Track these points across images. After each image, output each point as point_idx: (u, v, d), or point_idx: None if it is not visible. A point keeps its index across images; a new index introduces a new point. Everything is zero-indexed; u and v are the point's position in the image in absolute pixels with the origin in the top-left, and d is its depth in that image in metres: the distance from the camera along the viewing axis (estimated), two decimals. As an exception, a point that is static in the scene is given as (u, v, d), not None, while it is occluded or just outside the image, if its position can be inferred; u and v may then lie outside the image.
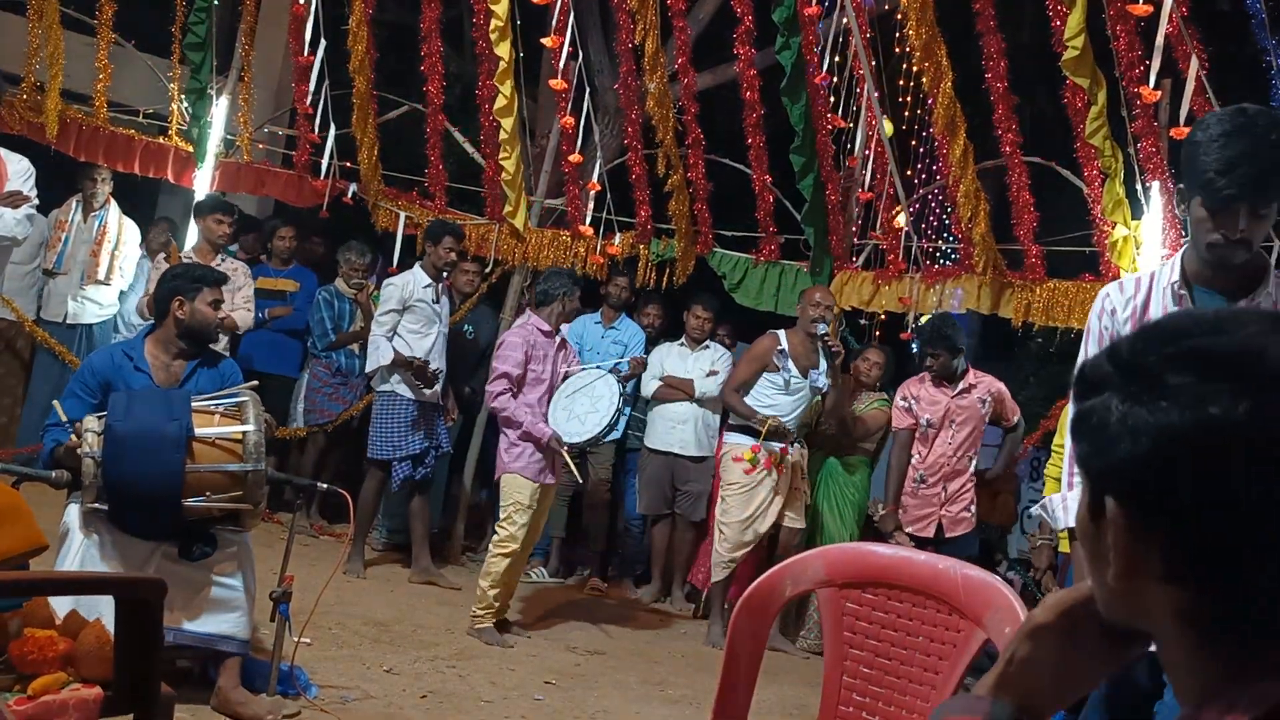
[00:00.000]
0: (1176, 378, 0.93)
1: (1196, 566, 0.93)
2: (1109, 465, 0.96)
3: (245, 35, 8.23)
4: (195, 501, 3.59)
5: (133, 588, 2.49)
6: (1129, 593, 0.98)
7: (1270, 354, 0.92)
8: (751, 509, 6.06)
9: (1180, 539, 0.93)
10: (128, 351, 3.99)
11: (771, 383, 6.08)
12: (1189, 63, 5.72)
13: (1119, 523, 0.96)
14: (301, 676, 4.12)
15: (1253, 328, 0.94)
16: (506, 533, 5.45)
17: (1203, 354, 0.93)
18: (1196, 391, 0.91)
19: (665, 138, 7.41)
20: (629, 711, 4.68)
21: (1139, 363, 0.96)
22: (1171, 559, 0.93)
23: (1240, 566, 0.91)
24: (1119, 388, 0.96)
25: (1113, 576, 0.98)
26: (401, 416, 6.41)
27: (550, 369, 5.62)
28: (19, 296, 7.23)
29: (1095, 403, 0.98)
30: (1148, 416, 0.93)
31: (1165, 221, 6.03)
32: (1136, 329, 1.01)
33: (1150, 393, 0.93)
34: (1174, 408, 0.91)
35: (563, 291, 5.70)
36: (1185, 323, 0.98)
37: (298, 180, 8.32)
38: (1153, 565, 0.95)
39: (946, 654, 2.26)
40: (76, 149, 7.59)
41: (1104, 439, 0.96)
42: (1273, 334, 0.94)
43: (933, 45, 6.54)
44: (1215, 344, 0.94)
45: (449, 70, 8.42)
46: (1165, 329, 0.98)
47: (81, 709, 2.54)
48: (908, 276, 7.15)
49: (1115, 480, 0.96)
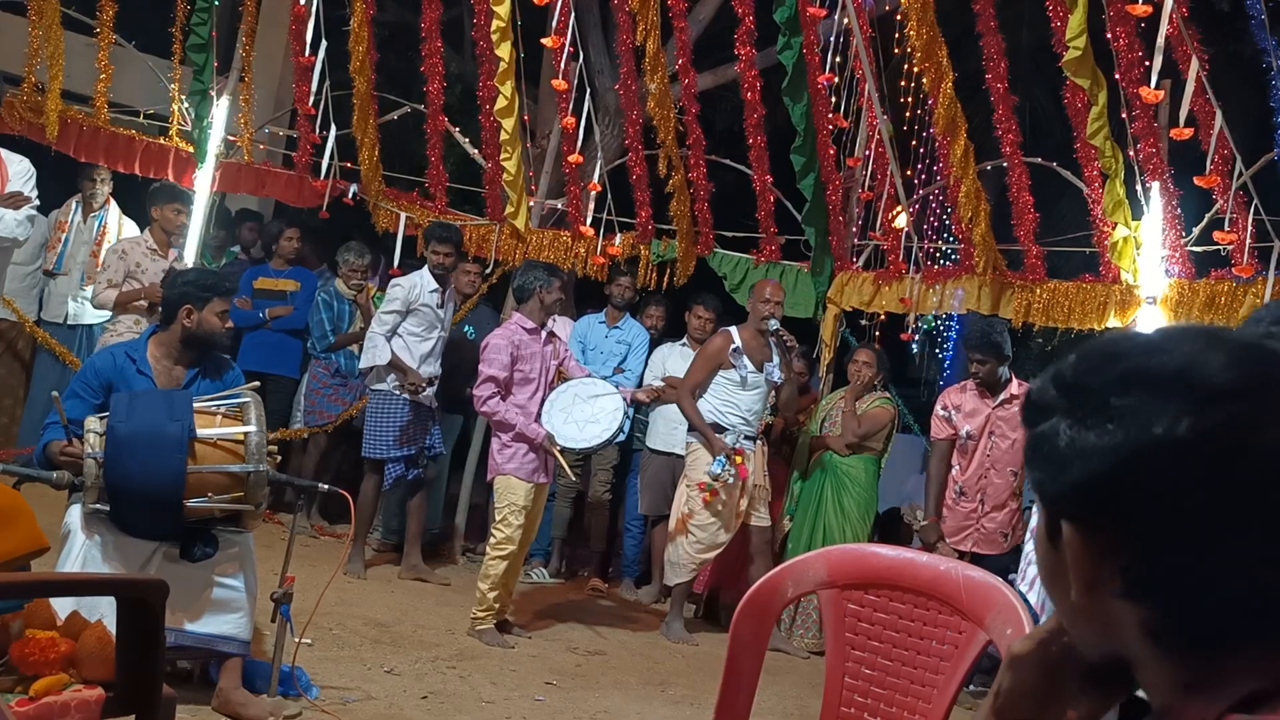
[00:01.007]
0: (1120, 399, 0.94)
1: (1153, 583, 0.94)
2: (1061, 490, 0.97)
3: (246, 36, 8.23)
4: (197, 502, 3.60)
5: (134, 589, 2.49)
6: (1091, 611, 1.00)
7: (1208, 370, 0.93)
8: (722, 512, 6.00)
9: (1135, 558, 0.94)
10: (130, 353, 3.99)
11: (728, 379, 6.03)
12: (1189, 63, 5.72)
13: (1075, 545, 0.98)
14: (302, 677, 4.12)
15: (1188, 345, 0.95)
16: (503, 534, 5.44)
17: (1144, 374, 0.94)
18: (1140, 412, 0.92)
19: (666, 138, 7.41)
20: (630, 712, 4.68)
21: (1083, 386, 0.97)
22: (1128, 577, 0.95)
23: (1194, 581, 0.92)
24: (1066, 411, 0.97)
25: (1074, 595, 0.99)
26: (395, 416, 6.38)
27: (540, 366, 5.59)
28: (20, 297, 7.23)
29: (1045, 428, 0.99)
30: (1095, 439, 0.94)
31: (1165, 222, 6.03)
32: (1078, 352, 1.02)
33: (1096, 415, 0.95)
34: (1119, 429, 0.93)
35: (539, 284, 5.61)
36: (1125, 344, 0.99)
37: (298, 181, 8.32)
38: (1111, 584, 0.96)
39: (948, 655, 2.26)
40: (77, 150, 7.59)
41: (1054, 464, 0.97)
42: (1209, 350, 0.94)
43: (933, 45, 6.55)
44: (1155, 364, 0.95)
45: (450, 71, 8.41)
46: (1106, 351, 0.99)
47: (83, 710, 2.54)
48: (908, 277, 7.15)
49: (1068, 504, 0.98)
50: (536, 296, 5.62)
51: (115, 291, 6.55)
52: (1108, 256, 6.28)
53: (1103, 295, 6.39)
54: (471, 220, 8.00)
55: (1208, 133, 5.80)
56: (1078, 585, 0.99)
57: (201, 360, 4.06)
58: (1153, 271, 6.10)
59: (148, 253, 6.69)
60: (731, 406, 6.03)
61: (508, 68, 7.28)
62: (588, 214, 7.83)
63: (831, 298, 7.37)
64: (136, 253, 6.69)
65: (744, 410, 6.02)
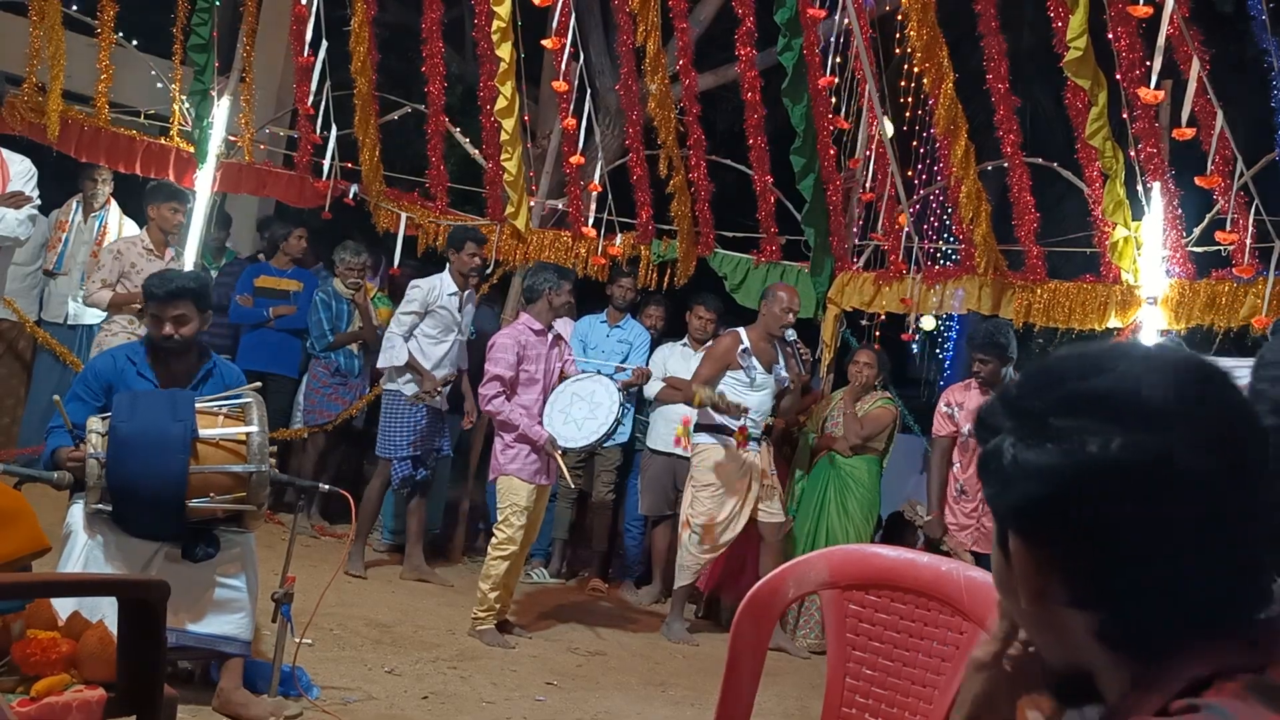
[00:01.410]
0: (1059, 420, 1.00)
1: (1096, 593, 1.01)
2: (1007, 506, 1.03)
3: (247, 36, 8.23)
4: (199, 502, 3.60)
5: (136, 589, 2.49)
6: (1042, 619, 1.06)
7: (1143, 392, 0.99)
8: (727, 510, 6.00)
9: (1076, 570, 1.01)
10: (131, 356, 3.98)
11: (737, 380, 6.03)
12: (1190, 64, 5.72)
13: (1021, 557, 1.04)
14: (303, 677, 4.12)
15: (1125, 365, 1.01)
16: (504, 535, 5.45)
17: (1081, 396, 1.00)
18: (1076, 432, 0.98)
19: (666, 139, 7.41)
20: (631, 712, 4.68)
21: (1026, 407, 1.03)
22: (1072, 587, 1.01)
23: (1134, 589, 0.99)
24: (1011, 430, 1.03)
25: (1024, 603, 1.06)
26: (406, 416, 6.43)
27: (544, 368, 5.60)
28: (20, 297, 7.22)
29: (993, 445, 1.05)
30: (1035, 459, 1.00)
31: (1166, 223, 6.03)
32: (1024, 372, 1.09)
33: (1037, 435, 1.00)
34: (1057, 449, 0.99)
35: (548, 286, 5.63)
36: (1068, 364, 1.05)
37: (299, 181, 8.31)
38: (1057, 594, 1.02)
39: (950, 656, 2.26)
40: (78, 150, 7.59)
41: (1000, 481, 1.03)
42: (1147, 372, 1.00)
43: (934, 46, 6.55)
44: (1093, 386, 1.00)
45: (450, 71, 8.41)
46: (1050, 371, 1.05)
47: (84, 710, 2.55)
48: (909, 277, 7.15)
49: (1014, 519, 1.04)
50: (545, 298, 5.63)
51: (109, 292, 6.54)
52: (1108, 257, 6.28)
53: (1103, 296, 6.39)
54: (473, 221, 8.00)
55: (1209, 133, 5.80)
56: (1025, 595, 1.05)
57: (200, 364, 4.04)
58: (1154, 272, 6.10)
59: (144, 253, 6.68)
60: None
61: (508, 68, 7.28)
62: (588, 214, 7.83)
63: (832, 298, 7.37)
64: (132, 253, 6.68)
65: (751, 411, 6.02)
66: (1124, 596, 0.99)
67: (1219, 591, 0.99)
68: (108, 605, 2.82)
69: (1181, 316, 6.06)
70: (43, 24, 7.45)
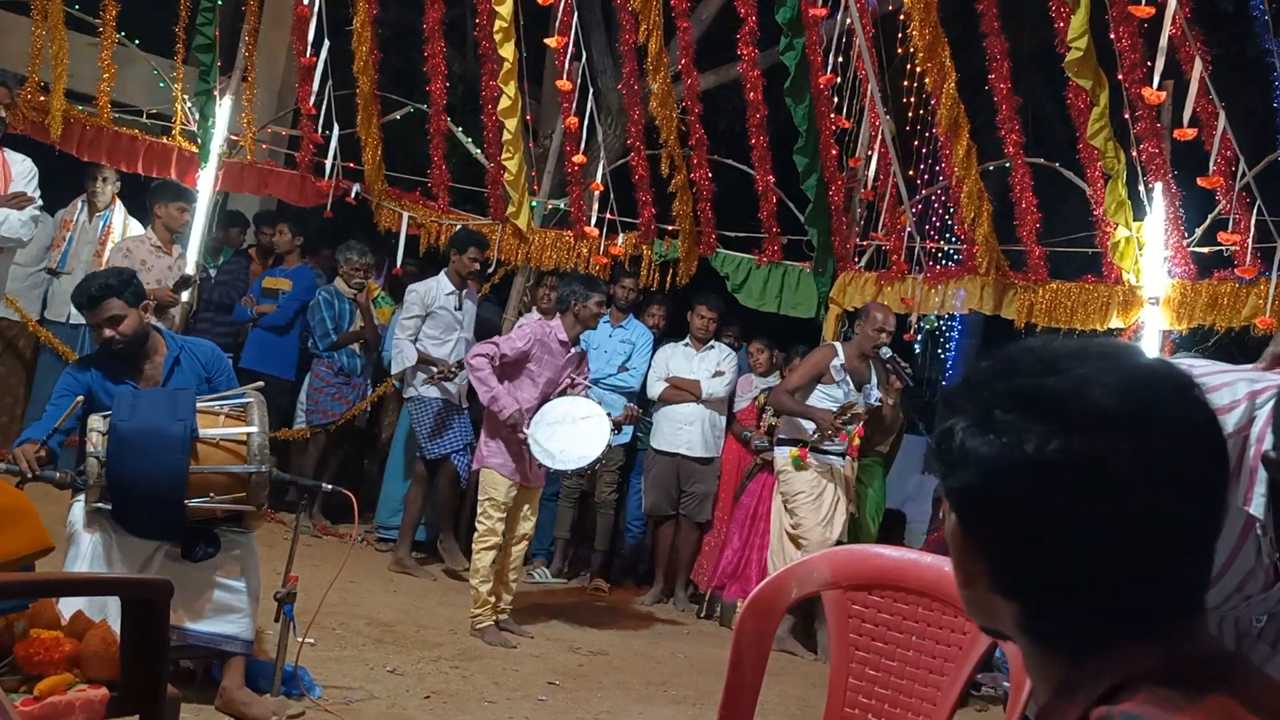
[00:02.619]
0: (1003, 414, 1.01)
1: (1016, 585, 1.04)
2: (950, 486, 1.06)
3: (249, 36, 8.24)
4: (199, 502, 3.60)
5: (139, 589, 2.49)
6: (975, 600, 1.09)
7: (1089, 396, 0.99)
8: (824, 512, 6.03)
9: (1001, 560, 1.04)
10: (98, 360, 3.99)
11: (829, 396, 6.04)
12: (1192, 64, 5.72)
13: (956, 538, 1.08)
14: (305, 677, 4.11)
15: (1082, 369, 1.02)
16: (484, 527, 5.43)
17: (1028, 393, 1.01)
18: (1017, 429, 1.00)
19: (668, 138, 7.41)
20: (632, 712, 4.68)
21: (979, 394, 1.05)
22: (996, 576, 1.05)
23: (1053, 588, 1.01)
24: (966, 413, 1.05)
25: (958, 584, 1.10)
26: (436, 415, 6.60)
27: (552, 377, 5.53)
28: (23, 296, 7.23)
29: (948, 425, 1.07)
30: (977, 448, 1.02)
31: (1168, 223, 6.03)
32: (991, 357, 1.09)
33: (982, 425, 1.02)
34: (997, 442, 1.01)
35: (574, 298, 5.56)
36: (1026, 358, 1.05)
37: (301, 180, 8.32)
38: (984, 579, 1.06)
39: (952, 656, 2.26)
40: (80, 149, 7.59)
41: (946, 463, 1.06)
42: (1101, 374, 1.00)
43: (936, 46, 6.54)
44: (1041, 385, 1.01)
45: (452, 70, 8.41)
46: (1008, 361, 1.06)
47: (87, 710, 2.55)
48: (910, 277, 7.15)
49: (954, 500, 1.06)
50: (571, 310, 5.57)
51: None
52: (1110, 257, 6.28)
53: (1105, 296, 6.39)
54: (474, 220, 8.00)
55: (1211, 133, 5.80)
56: (959, 576, 1.09)
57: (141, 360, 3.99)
58: (1155, 272, 6.10)
59: (152, 250, 6.71)
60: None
61: (511, 68, 7.28)
62: (591, 214, 7.83)
63: (834, 298, 7.37)
64: (141, 250, 6.71)
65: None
66: (1044, 592, 1.01)
67: (1142, 598, 1.00)
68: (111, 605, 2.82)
69: (1183, 317, 6.06)
70: (45, 23, 7.46)
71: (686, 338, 7.21)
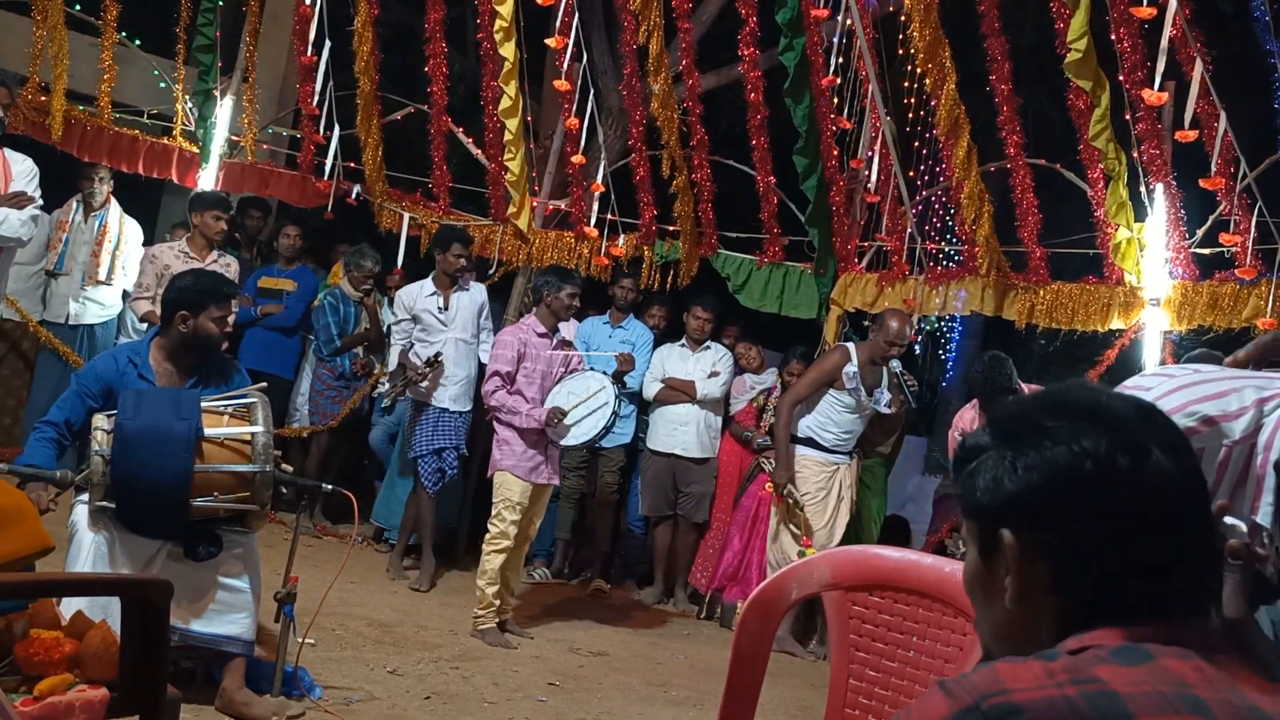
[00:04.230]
0: (1051, 421, 1.16)
1: (1077, 574, 1.13)
2: (1002, 500, 1.17)
3: (250, 36, 8.24)
4: (203, 501, 3.60)
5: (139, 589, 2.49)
6: (1023, 613, 1.17)
7: (1105, 403, 1.17)
8: (828, 514, 6.10)
9: (1065, 552, 1.13)
10: (132, 357, 3.98)
11: (838, 400, 6.09)
12: (1193, 65, 5.72)
13: (1012, 549, 1.16)
14: (305, 677, 4.12)
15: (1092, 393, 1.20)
16: (498, 529, 5.46)
17: (1071, 404, 1.18)
18: (1070, 430, 1.14)
19: (669, 139, 7.41)
20: (632, 713, 4.68)
21: (1019, 417, 1.19)
22: (1058, 571, 1.14)
23: (1109, 572, 1.12)
24: (1003, 442, 1.18)
25: (1009, 600, 1.17)
26: (411, 417, 6.58)
27: (545, 369, 5.61)
28: (24, 297, 7.23)
29: (977, 463, 1.20)
30: (1033, 453, 1.15)
31: (1169, 224, 6.03)
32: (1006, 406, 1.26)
33: (1033, 436, 1.16)
34: (1055, 444, 1.14)
35: (546, 289, 5.67)
36: (1047, 391, 1.23)
37: (302, 181, 8.32)
38: (1043, 580, 1.15)
39: (953, 657, 2.26)
40: (81, 149, 7.59)
41: (993, 480, 1.17)
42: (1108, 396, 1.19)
43: (937, 47, 6.54)
44: (1076, 397, 1.19)
45: (453, 71, 8.41)
46: (1033, 396, 1.24)
47: (87, 710, 2.55)
48: (911, 278, 7.14)
49: (1010, 510, 1.16)
50: (544, 301, 5.67)
51: (146, 303, 6.59)
52: (1111, 258, 6.27)
53: (1106, 297, 6.39)
54: (475, 221, 8.00)
55: (1212, 135, 5.80)
56: (1014, 588, 1.16)
57: (201, 364, 4.04)
58: (1156, 273, 6.09)
59: (180, 256, 6.69)
60: (831, 423, 6.13)
61: (512, 68, 7.27)
62: (591, 215, 7.83)
63: (835, 299, 7.37)
64: (167, 256, 6.72)
65: (842, 430, 6.13)
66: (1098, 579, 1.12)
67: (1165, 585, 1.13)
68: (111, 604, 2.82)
69: (1184, 318, 6.06)
70: (45, 23, 7.46)
71: (683, 338, 7.20)
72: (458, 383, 6.54)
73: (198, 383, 3.99)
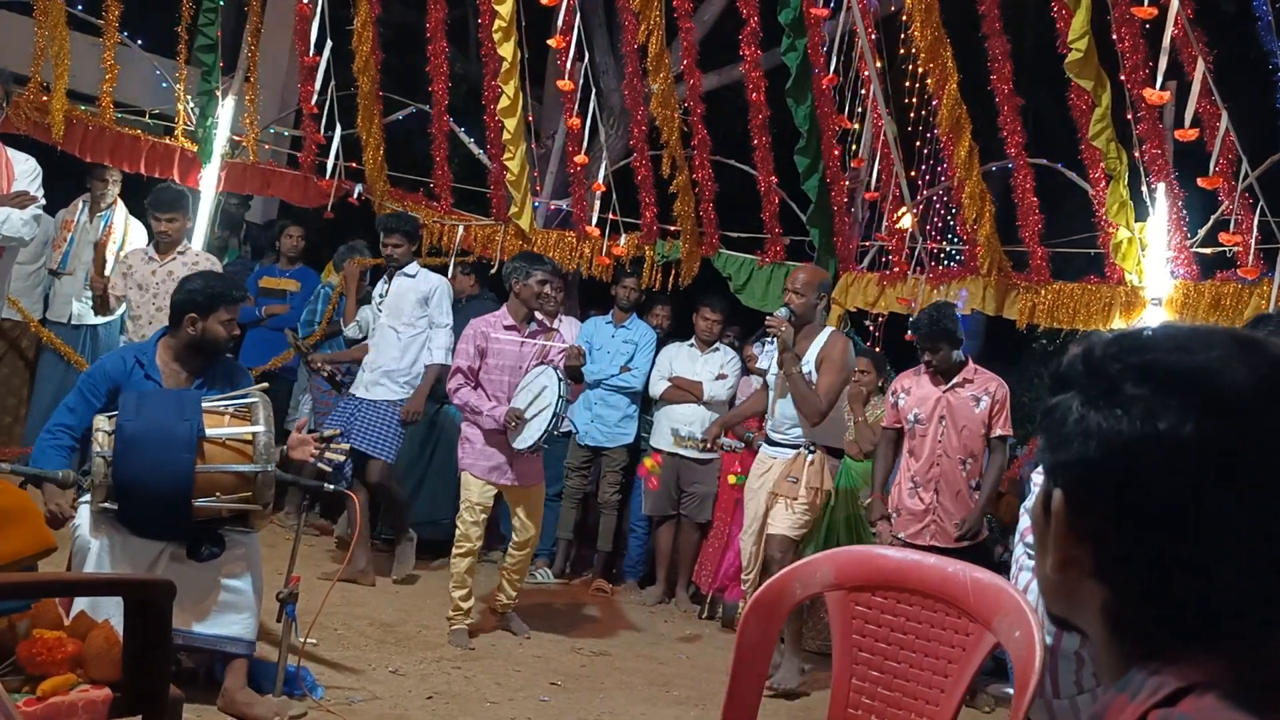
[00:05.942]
0: (1134, 388, 0.97)
1: (1120, 569, 0.98)
2: (1060, 460, 1.01)
3: (251, 36, 8.25)
4: (205, 502, 3.60)
5: (141, 589, 2.49)
6: (1064, 584, 1.03)
7: (1226, 379, 0.95)
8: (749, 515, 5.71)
9: (1110, 541, 0.98)
10: (139, 357, 3.98)
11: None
12: (1194, 65, 5.72)
13: (1060, 516, 1.02)
14: (307, 677, 4.12)
15: (1217, 351, 0.97)
16: (459, 531, 5.34)
17: (1163, 369, 0.97)
18: (1149, 404, 0.95)
19: (671, 139, 7.41)
20: (634, 713, 4.68)
21: (1104, 369, 1.00)
22: (1100, 558, 0.99)
23: (1160, 574, 0.96)
24: (1083, 388, 1.00)
25: (1050, 567, 1.03)
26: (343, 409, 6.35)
27: (513, 364, 5.37)
28: (24, 296, 7.22)
29: (1061, 399, 1.02)
30: (1101, 421, 0.97)
31: (1170, 224, 6.03)
32: (1115, 334, 1.05)
33: (1108, 398, 0.98)
34: (1126, 417, 0.96)
35: (513, 277, 5.43)
36: (1156, 337, 1.01)
37: (303, 180, 8.33)
38: (1085, 561, 1.00)
39: (955, 657, 2.26)
40: (82, 149, 7.60)
41: (1061, 434, 1.01)
42: (1235, 359, 0.96)
43: (938, 46, 6.54)
44: (1177, 361, 0.97)
45: (454, 71, 8.42)
46: (1136, 340, 1.01)
47: (90, 710, 2.55)
48: (912, 278, 7.15)
49: (1063, 474, 1.01)
50: (514, 290, 5.46)
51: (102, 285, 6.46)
52: (1112, 258, 6.28)
53: (1108, 296, 6.39)
54: (476, 220, 8.00)
55: (1213, 134, 5.80)
56: (1055, 557, 1.03)
57: (208, 366, 4.04)
58: (1158, 273, 6.09)
59: (143, 257, 6.63)
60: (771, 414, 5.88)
61: (511, 67, 7.28)
62: (593, 214, 7.83)
63: (836, 298, 7.37)
64: (134, 256, 6.67)
65: (777, 417, 5.58)
66: (1147, 579, 0.97)
67: (1235, 600, 0.96)
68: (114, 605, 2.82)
69: (1186, 317, 6.05)
70: (47, 23, 7.47)
71: (692, 338, 7.19)
72: (374, 370, 6.30)
73: (203, 384, 3.99)
